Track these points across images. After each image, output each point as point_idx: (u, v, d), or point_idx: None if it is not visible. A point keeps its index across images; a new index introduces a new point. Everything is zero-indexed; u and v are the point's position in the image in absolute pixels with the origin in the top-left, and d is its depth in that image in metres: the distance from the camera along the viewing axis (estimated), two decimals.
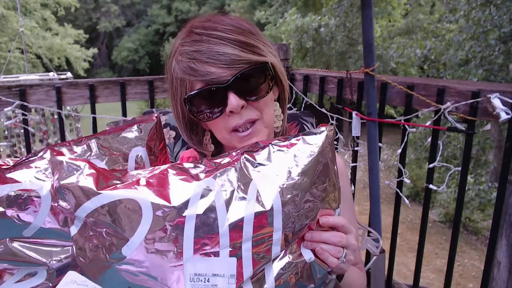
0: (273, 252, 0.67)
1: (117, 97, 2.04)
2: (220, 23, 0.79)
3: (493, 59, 7.03)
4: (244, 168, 0.69)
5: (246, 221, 0.64)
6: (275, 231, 0.66)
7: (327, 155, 0.72)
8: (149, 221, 0.62)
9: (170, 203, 0.63)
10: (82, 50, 19.50)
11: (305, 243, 0.72)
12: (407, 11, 13.48)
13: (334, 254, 0.71)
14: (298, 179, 0.68)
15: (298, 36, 11.69)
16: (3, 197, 0.63)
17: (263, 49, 0.81)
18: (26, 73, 12.30)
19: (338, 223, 0.72)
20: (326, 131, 0.73)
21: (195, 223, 0.63)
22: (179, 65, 0.79)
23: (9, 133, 4.50)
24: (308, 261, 0.71)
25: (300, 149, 0.71)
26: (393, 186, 1.96)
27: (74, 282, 0.65)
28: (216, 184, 0.66)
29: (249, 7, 21.53)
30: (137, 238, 0.63)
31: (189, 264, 0.64)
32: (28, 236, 0.65)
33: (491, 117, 1.53)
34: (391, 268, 2.03)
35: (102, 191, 0.63)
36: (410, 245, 7.35)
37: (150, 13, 27.91)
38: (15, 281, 0.67)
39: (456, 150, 7.70)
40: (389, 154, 11.38)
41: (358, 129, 1.98)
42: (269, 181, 0.67)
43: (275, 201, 0.66)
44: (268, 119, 0.83)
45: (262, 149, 0.71)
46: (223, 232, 0.64)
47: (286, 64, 2.38)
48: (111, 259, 0.64)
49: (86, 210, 0.63)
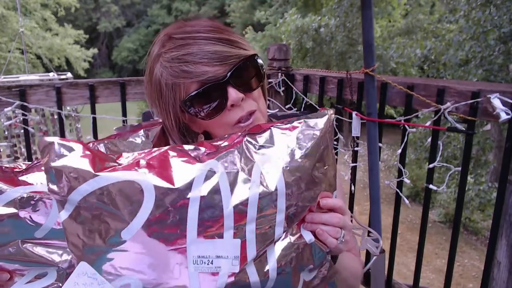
0: (276, 233, 0.68)
1: (117, 97, 2.04)
2: (199, 25, 0.82)
3: (493, 59, 7.04)
4: (246, 150, 0.68)
5: (250, 202, 0.64)
6: (278, 213, 0.67)
7: (328, 138, 0.73)
8: (151, 204, 0.61)
9: (173, 185, 0.62)
10: (82, 50, 19.51)
11: (305, 225, 0.73)
12: (407, 11, 13.48)
13: (333, 234, 0.74)
14: (301, 161, 0.69)
15: (298, 37, 11.69)
16: (16, 199, 0.64)
17: (245, 44, 0.85)
18: (26, 73, 12.30)
19: (336, 204, 0.75)
20: (328, 115, 0.74)
21: (199, 205, 0.62)
22: (168, 71, 0.79)
23: (9, 133, 4.50)
24: (308, 242, 0.72)
25: (302, 131, 0.71)
26: (393, 186, 1.96)
27: (85, 274, 0.65)
28: (219, 166, 0.65)
29: (249, 7, 21.53)
30: (138, 221, 0.61)
31: (193, 247, 0.63)
32: (39, 237, 0.66)
33: (491, 117, 1.53)
34: (391, 268, 2.03)
35: (100, 173, 0.61)
36: (410, 245, 7.35)
37: (150, 13, 27.92)
38: (25, 281, 0.67)
39: (456, 150, 7.70)
40: (389, 154, 11.38)
41: (358, 129, 1.98)
42: (272, 163, 0.68)
43: (278, 182, 0.66)
44: (263, 108, 0.87)
45: (264, 131, 0.71)
46: (228, 213, 0.63)
47: (286, 64, 2.38)
48: (108, 243, 0.62)
49: (82, 193, 0.61)
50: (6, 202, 0.64)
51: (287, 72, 2.36)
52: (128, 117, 2.13)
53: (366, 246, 0.99)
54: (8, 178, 0.65)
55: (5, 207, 0.64)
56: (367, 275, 2.00)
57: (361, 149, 2.13)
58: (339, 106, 2.10)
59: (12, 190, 0.64)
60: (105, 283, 0.64)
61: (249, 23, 19.41)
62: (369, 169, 1.84)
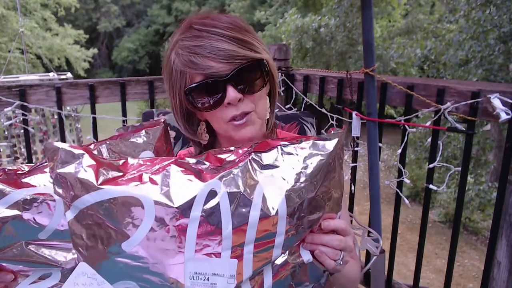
0: (274, 254, 0.68)
1: (117, 97, 2.04)
2: (219, 20, 0.84)
3: (493, 59, 7.03)
4: (251, 169, 0.67)
5: (250, 225, 0.64)
6: (277, 235, 0.66)
7: (336, 161, 0.71)
8: (151, 220, 0.62)
9: (173, 203, 0.62)
10: (82, 51, 19.48)
11: (305, 245, 0.73)
12: (407, 11, 13.48)
13: (332, 256, 0.73)
14: (305, 185, 0.67)
15: (298, 36, 11.68)
16: (19, 201, 0.65)
17: (258, 46, 0.86)
18: (26, 73, 12.30)
19: (339, 226, 0.73)
20: (338, 137, 0.71)
21: (199, 225, 0.63)
22: (180, 58, 0.83)
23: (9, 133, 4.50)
24: (306, 262, 0.72)
25: (310, 154, 0.69)
26: (393, 186, 1.96)
27: (84, 274, 0.66)
28: (222, 186, 0.65)
29: (249, 7, 21.52)
30: (138, 235, 0.62)
31: (190, 263, 0.64)
32: (43, 239, 0.66)
33: (491, 117, 1.53)
34: (391, 268, 2.03)
35: (103, 186, 0.62)
36: (410, 245, 7.34)
37: (150, 13, 27.90)
38: (30, 282, 0.68)
39: (456, 150, 7.70)
40: (389, 154, 11.38)
41: (358, 129, 1.98)
42: (275, 185, 0.67)
43: (280, 206, 0.66)
44: (261, 111, 0.88)
45: (270, 150, 0.70)
46: (226, 234, 0.64)
47: (286, 64, 2.38)
48: (109, 251, 0.64)
49: (85, 202, 0.62)
50: (10, 204, 0.64)
51: (287, 72, 2.36)
52: (128, 117, 2.13)
53: (366, 246, 0.99)
54: (11, 180, 0.66)
55: (8, 209, 0.64)
56: (367, 275, 2.00)
57: (361, 149, 2.13)
58: (339, 106, 2.10)
59: (16, 192, 0.65)
60: (105, 283, 0.65)
61: (249, 23, 19.33)
62: (369, 169, 1.84)
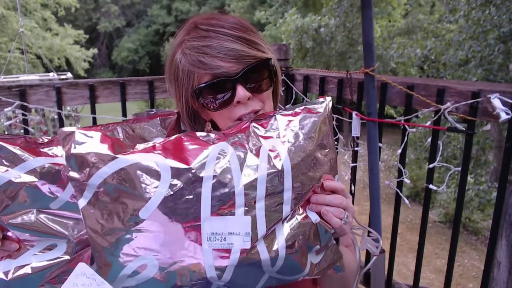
0: (284, 211, 0.71)
1: (117, 97, 2.04)
2: (225, 21, 0.85)
3: (492, 58, 7.04)
4: (254, 134, 0.74)
5: (259, 181, 0.68)
6: (285, 191, 0.70)
7: (327, 123, 0.79)
8: (167, 183, 0.64)
9: (188, 164, 0.65)
10: (82, 51, 19.51)
11: (311, 206, 0.77)
12: (407, 11, 13.49)
13: (337, 215, 0.78)
14: (304, 143, 0.74)
15: (298, 36, 11.69)
16: (37, 168, 0.66)
17: (265, 46, 0.88)
18: (26, 73, 12.30)
19: (339, 187, 0.80)
20: (326, 101, 0.81)
21: (212, 184, 0.66)
22: (187, 58, 0.84)
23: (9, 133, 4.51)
24: (314, 222, 0.76)
25: (304, 116, 0.77)
26: (393, 186, 1.96)
27: (83, 274, 0.66)
28: (229, 147, 0.69)
29: (249, 7, 21.53)
30: (155, 200, 0.64)
31: (207, 224, 0.66)
32: (54, 208, 0.68)
33: (491, 117, 1.53)
34: (391, 268, 2.03)
35: (119, 155, 0.64)
36: (410, 245, 7.35)
37: (150, 13, 27.91)
38: (34, 253, 0.69)
39: (456, 150, 7.70)
40: (389, 154, 11.38)
41: (358, 129, 1.98)
42: (278, 145, 0.72)
43: (285, 162, 0.70)
44: (268, 109, 0.89)
45: (268, 118, 0.78)
46: (239, 191, 0.67)
47: (286, 64, 2.38)
48: (128, 223, 0.65)
49: (102, 175, 0.63)
50: (28, 170, 0.66)
51: (287, 72, 2.36)
52: (128, 117, 2.13)
53: (366, 246, 0.99)
54: (31, 148, 0.67)
55: (26, 175, 0.66)
56: (367, 275, 2.00)
57: (361, 149, 2.13)
58: (339, 106, 2.10)
59: (34, 159, 0.66)
60: (104, 283, 0.65)
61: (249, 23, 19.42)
62: (369, 169, 1.84)
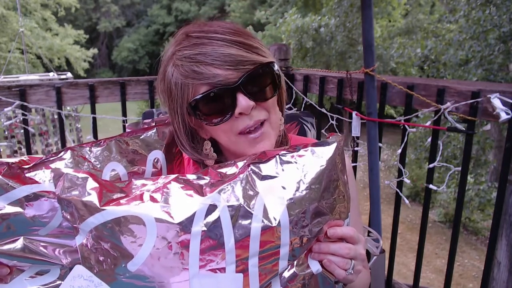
0: (280, 266, 0.66)
1: (117, 97, 2.04)
2: (219, 26, 0.78)
3: (493, 58, 7.03)
4: (250, 181, 0.66)
5: (252, 237, 0.63)
6: (282, 246, 0.65)
7: (336, 167, 0.69)
8: (153, 238, 0.62)
9: (174, 220, 0.62)
10: (82, 51, 19.49)
11: (313, 255, 0.70)
12: (407, 11, 13.47)
13: (342, 266, 0.70)
14: (306, 193, 0.66)
15: (298, 36, 11.67)
16: (22, 198, 0.64)
17: (264, 50, 0.81)
18: (26, 73, 12.31)
19: (347, 234, 0.70)
20: (336, 142, 0.70)
21: (201, 240, 0.62)
22: (179, 70, 0.76)
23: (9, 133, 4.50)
24: (315, 272, 0.70)
25: (308, 161, 0.68)
26: (393, 186, 1.96)
27: (81, 276, 0.66)
28: (221, 199, 0.64)
29: (249, 7, 21.52)
30: (142, 254, 0.62)
31: (195, 280, 0.63)
32: (43, 235, 0.66)
33: (491, 117, 1.53)
34: (391, 268, 2.03)
35: (106, 207, 0.62)
36: (410, 245, 7.35)
37: (150, 13, 27.89)
38: (26, 277, 0.67)
39: (456, 150, 7.70)
40: (389, 154, 11.38)
41: (358, 129, 1.98)
42: (276, 195, 0.65)
43: (282, 216, 0.64)
44: (275, 119, 0.82)
45: (269, 159, 0.69)
46: (229, 248, 0.63)
47: (286, 64, 2.38)
48: (116, 272, 0.64)
49: (89, 225, 0.63)
50: (12, 201, 0.64)
51: (287, 72, 2.36)
52: (128, 117, 2.13)
53: (366, 246, 0.99)
54: (14, 175, 0.65)
55: (10, 206, 0.64)
56: None
57: (361, 149, 2.13)
58: (339, 106, 2.10)
59: (19, 189, 0.64)
60: (102, 285, 0.65)
61: (249, 23, 19.42)
62: (369, 169, 1.84)
